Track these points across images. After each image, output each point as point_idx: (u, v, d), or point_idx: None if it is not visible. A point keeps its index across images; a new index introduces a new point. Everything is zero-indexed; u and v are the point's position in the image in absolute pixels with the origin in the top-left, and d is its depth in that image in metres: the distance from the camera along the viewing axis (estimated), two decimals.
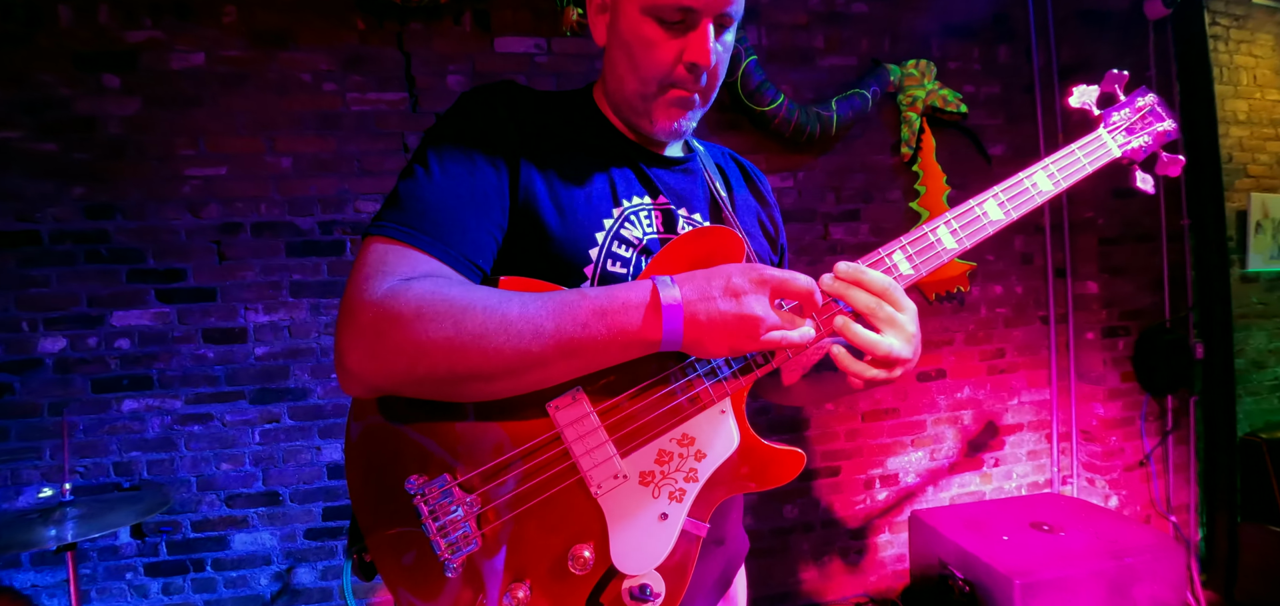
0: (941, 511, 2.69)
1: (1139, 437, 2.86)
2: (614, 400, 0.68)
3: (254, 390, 2.22)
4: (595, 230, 0.73)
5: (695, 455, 0.69)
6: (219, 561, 2.23)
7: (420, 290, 0.59)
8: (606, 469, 0.66)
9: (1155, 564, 2.18)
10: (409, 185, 0.67)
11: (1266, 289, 2.93)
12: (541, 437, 0.66)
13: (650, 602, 0.67)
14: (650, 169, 0.80)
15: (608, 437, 0.67)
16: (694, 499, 0.69)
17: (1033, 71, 2.81)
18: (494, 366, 0.59)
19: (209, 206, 2.15)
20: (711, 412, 0.70)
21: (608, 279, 0.72)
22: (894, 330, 0.66)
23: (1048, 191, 0.76)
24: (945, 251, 0.72)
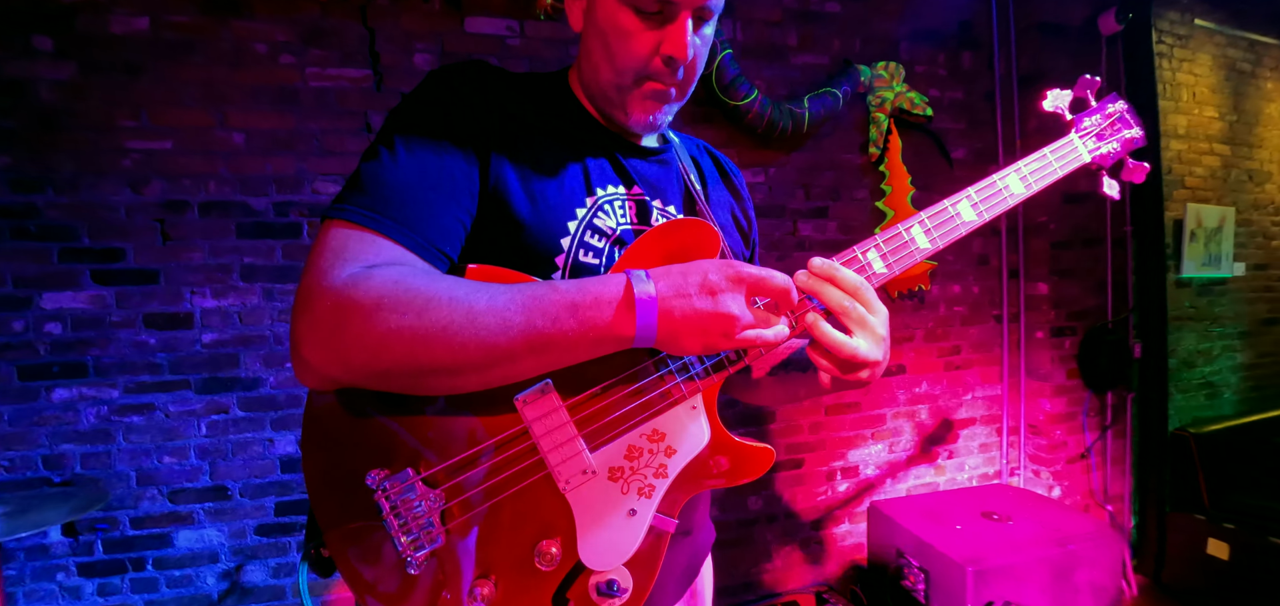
0: (898, 502, 2.79)
1: (1081, 432, 3.02)
2: (584, 394, 0.66)
3: (201, 379, 2.10)
4: (567, 219, 0.71)
5: (665, 451, 0.68)
6: (161, 560, 2.10)
7: (383, 278, 0.57)
8: (575, 464, 0.66)
9: (1095, 550, 2.31)
10: (372, 167, 0.64)
11: (1197, 294, 3.13)
12: (509, 432, 0.65)
13: (617, 598, 0.67)
14: (625, 159, 0.78)
15: (577, 432, 0.66)
16: (663, 494, 0.68)
17: (994, 79, 2.91)
18: (459, 361, 0.57)
19: (151, 183, 2.01)
20: (682, 408, 0.69)
21: (579, 270, 0.70)
22: (864, 331, 0.66)
23: (1020, 194, 0.77)
24: (919, 251, 0.72)
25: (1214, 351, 3.23)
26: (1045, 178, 0.78)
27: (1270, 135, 3.36)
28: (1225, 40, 3.16)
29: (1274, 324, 3.45)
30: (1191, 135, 3.08)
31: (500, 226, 0.68)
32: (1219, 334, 3.23)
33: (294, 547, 2.21)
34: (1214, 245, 3.14)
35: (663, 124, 0.78)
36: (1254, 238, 3.36)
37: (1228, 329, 3.26)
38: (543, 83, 0.79)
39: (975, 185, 0.75)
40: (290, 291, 2.16)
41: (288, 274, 2.15)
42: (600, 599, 0.67)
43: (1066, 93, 0.84)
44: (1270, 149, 3.38)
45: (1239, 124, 3.24)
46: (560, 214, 0.70)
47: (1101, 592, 2.30)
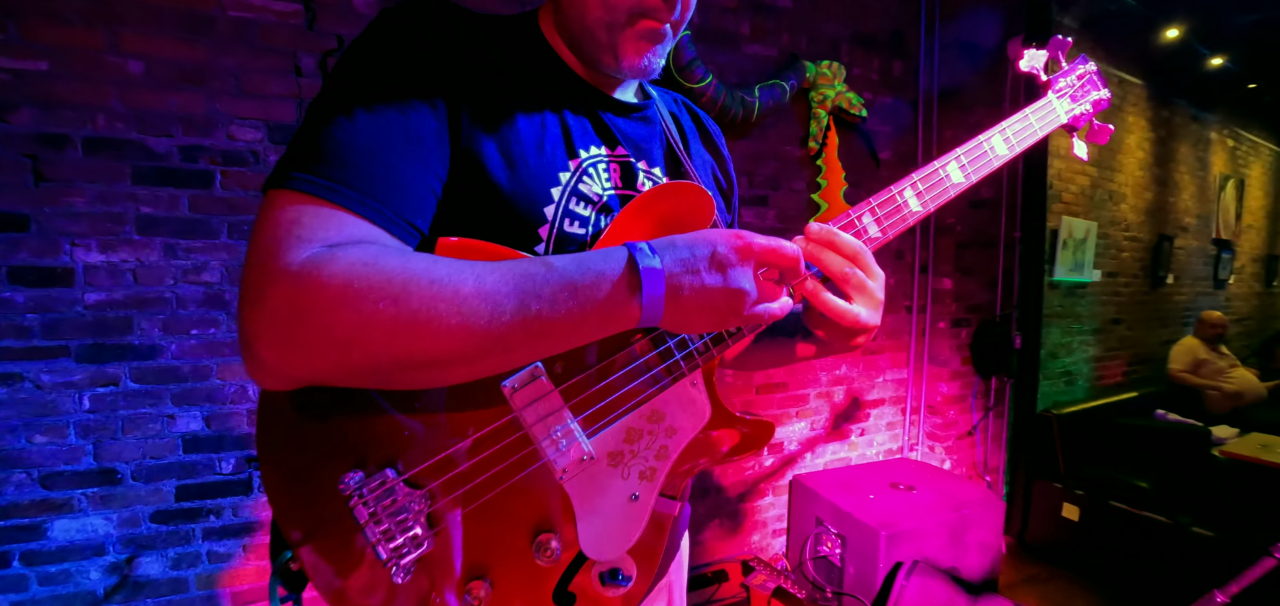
0: (817, 475, 3.01)
1: (969, 412, 3.41)
2: (578, 377, 0.62)
3: (83, 345, 1.81)
4: (550, 185, 0.64)
5: (666, 431, 0.66)
6: (31, 554, 1.81)
7: (350, 258, 0.49)
8: (572, 451, 0.62)
9: (983, 514, 2.64)
10: (325, 125, 0.54)
11: (1064, 294, 3.63)
12: (498, 422, 0.60)
13: (623, 586, 0.65)
14: (607, 115, 0.71)
15: (572, 418, 0.62)
16: (665, 477, 0.66)
17: (919, 90, 3.15)
18: (445, 352, 0.50)
19: (20, 111, 1.68)
20: (682, 386, 0.66)
21: (565, 242, 0.65)
22: (864, 297, 0.64)
23: (1004, 155, 0.76)
24: (911, 214, 0.70)
25: (1073, 345, 3.76)
26: (1027, 138, 0.78)
27: (1127, 162, 3.93)
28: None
29: (1119, 324, 4.07)
30: (1069, 157, 3.53)
31: (475, 193, 0.61)
32: (1078, 330, 3.77)
33: (199, 535, 1.99)
34: (1080, 254, 3.64)
35: (656, 68, 0.69)
36: (1109, 249, 3.94)
37: (1084, 326, 3.81)
38: (511, 26, 0.70)
39: (962, 146, 0.74)
40: (197, 249, 1.90)
41: (195, 228, 1.89)
42: (605, 588, 0.65)
43: (1041, 52, 0.84)
44: (1126, 174, 3.95)
45: (1106, 150, 3.76)
46: (542, 179, 0.64)
47: (987, 549, 2.65)
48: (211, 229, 1.91)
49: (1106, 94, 0.84)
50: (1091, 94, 0.84)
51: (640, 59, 0.66)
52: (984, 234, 3.28)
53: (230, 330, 1.96)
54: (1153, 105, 4.11)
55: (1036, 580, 3.02)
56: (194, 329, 1.92)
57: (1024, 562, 3.19)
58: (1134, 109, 3.90)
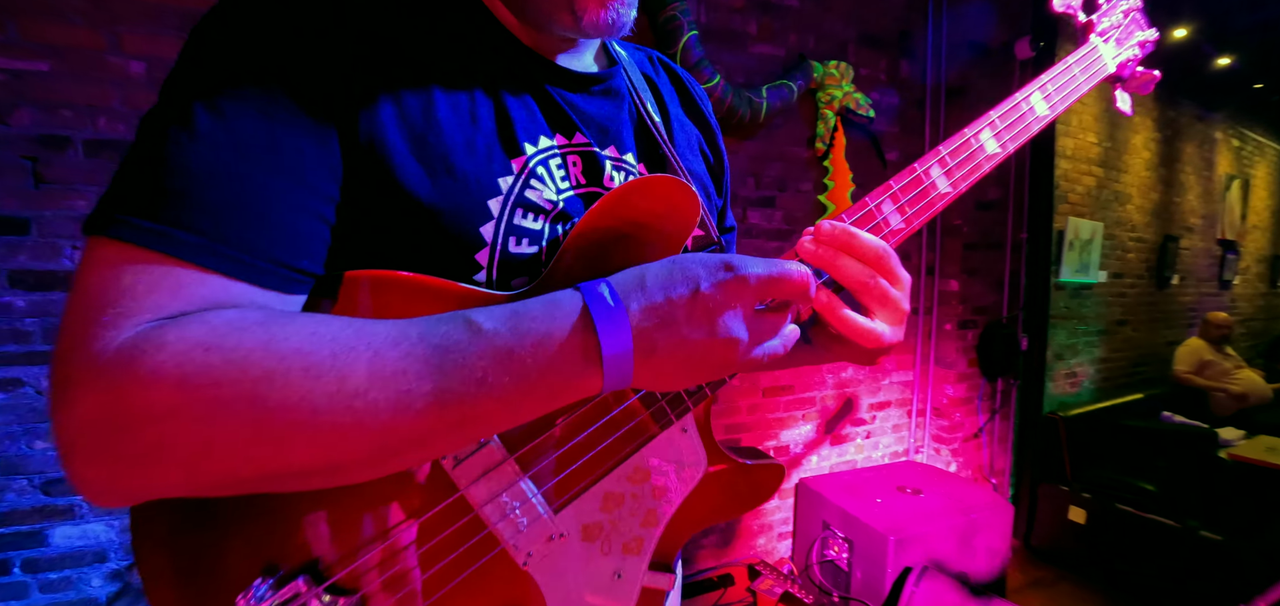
0: (823, 478, 2.99)
1: (975, 414, 3.40)
2: (537, 440, 0.50)
3: None
4: (487, 195, 0.49)
5: (652, 492, 0.55)
6: (32, 562, 1.79)
7: (186, 342, 0.36)
8: (537, 531, 0.51)
9: (991, 518, 2.62)
10: (162, 144, 0.39)
11: (1070, 296, 3.61)
12: (441, 505, 0.48)
13: None
14: (560, 92, 0.56)
15: (533, 490, 0.50)
16: (655, 547, 0.56)
17: (926, 90, 3.12)
18: (332, 460, 0.38)
19: (20, 111, 1.65)
20: (670, 435, 0.55)
21: (510, 267, 0.50)
22: (887, 310, 0.53)
23: (1044, 116, 0.65)
24: (939, 196, 0.60)
25: (1079, 346, 3.75)
26: (1070, 94, 0.66)
27: (1134, 162, 3.91)
28: None
29: (1124, 325, 4.06)
30: (1075, 157, 3.52)
31: (386, 213, 0.46)
32: (1083, 331, 3.75)
33: None
34: (1086, 255, 3.62)
35: (627, 20, 0.54)
36: (1115, 250, 3.92)
37: (1090, 327, 3.80)
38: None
39: (995, 109, 0.63)
40: None
41: None
42: None
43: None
44: (1132, 174, 3.94)
45: (1112, 150, 3.74)
46: (476, 189, 0.49)
47: (995, 553, 2.63)
48: None
49: (1154, 34, 0.73)
50: (1136, 35, 0.72)
51: (603, 14, 0.51)
52: (991, 235, 3.26)
53: None
54: (1159, 105, 4.09)
55: (1043, 583, 3.01)
56: None
57: (1030, 566, 3.17)
58: (1140, 108, 3.89)
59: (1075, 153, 3.51)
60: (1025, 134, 0.63)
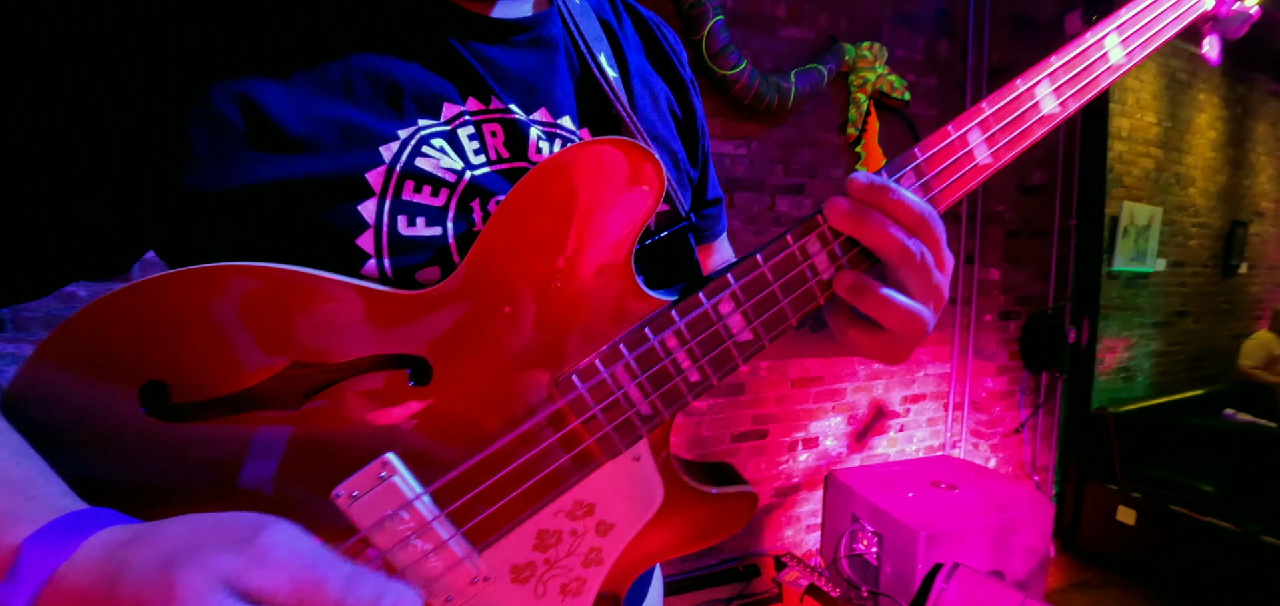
0: (854, 472, 2.94)
1: (1017, 409, 3.27)
2: (456, 472, 0.42)
3: None
4: (364, 165, 0.40)
5: (597, 528, 0.47)
6: None
7: None
8: (455, 576, 0.43)
9: (1030, 516, 2.53)
10: None
11: (1124, 285, 3.42)
12: (339, 545, 0.40)
13: None
14: (471, 45, 0.45)
15: (452, 531, 0.42)
16: (599, 586, 0.49)
17: (966, 69, 2.99)
18: None
19: None
20: (620, 463, 0.46)
21: (402, 248, 0.41)
22: (929, 289, 0.44)
23: (1119, 64, 0.52)
24: (1045, 117, 0.49)
25: (1133, 339, 3.55)
26: (1154, 37, 0.53)
27: (1197, 143, 3.66)
28: (1169, 50, 3.38)
29: (1184, 316, 3.82)
30: (1132, 138, 3.31)
31: (224, 209, 0.38)
32: (1138, 323, 3.55)
33: None
34: (1142, 242, 3.42)
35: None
36: (1175, 237, 3.69)
37: (1146, 319, 3.59)
38: None
39: (1053, 58, 0.50)
40: None
41: None
42: None
43: None
44: (1196, 156, 3.68)
45: (1173, 130, 3.51)
46: (347, 163, 0.39)
47: (1033, 553, 2.54)
48: None
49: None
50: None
51: None
52: (1035, 222, 3.11)
53: None
54: (1227, 81, 3.81)
55: (1087, 586, 2.89)
56: None
57: (1074, 567, 3.05)
58: (1206, 85, 3.62)
59: (1132, 133, 3.30)
60: (1094, 89, 0.50)
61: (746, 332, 0.45)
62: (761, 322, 0.45)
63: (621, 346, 0.44)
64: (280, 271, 0.36)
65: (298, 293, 0.37)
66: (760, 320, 0.45)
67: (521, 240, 0.41)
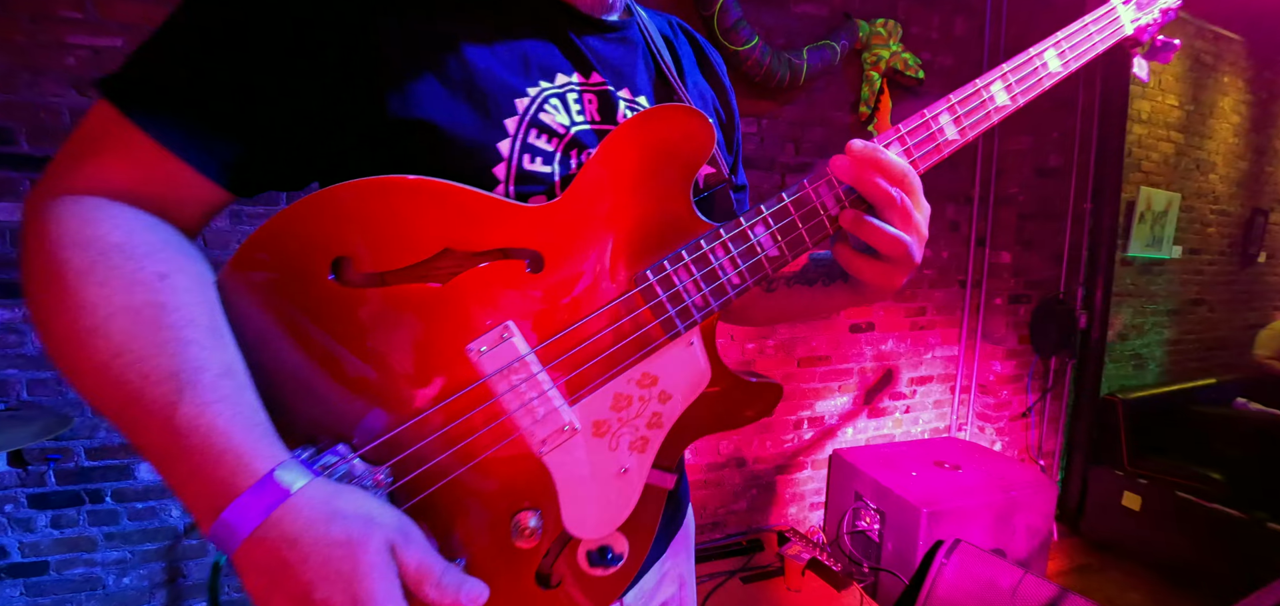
0: (858, 451, 2.96)
1: (1024, 393, 3.26)
2: (557, 336, 0.54)
3: None
4: (504, 113, 0.54)
5: (659, 397, 0.59)
6: (121, 492, 2.01)
7: (58, 241, 0.43)
8: (551, 421, 0.55)
9: (1033, 497, 2.54)
10: (165, 29, 0.47)
11: (1138, 272, 3.38)
12: (465, 390, 0.52)
13: (612, 566, 0.60)
14: (579, 36, 0.61)
15: (551, 383, 0.54)
16: (659, 447, 0.59)
17: (984, 48, 2.94)
18: (71, 377, 0.44)
19: None
20: (678, 346, 0.58)
21: (527, 180, 0.55)
22: (909, 228, 0.57)
23: (1057, 72, 0.67)
24: (947, 142, 0.62)
25: (1145, 326, 3.52)
26: (1083, 52, 0.69)
27: (1220, 127, 3.58)
28: (1193, 29, 3.29)
29: (1199, 305, 3.77)
30: (1152, 121, 3.25)
31: (404, 132, 0.51)
32: (1151, 310, 3.51)
33: None
34: (1158, 228, 3.37)
35: (611, 3, 0.61)
36: (1193, 224, 3.63)
37: (1159, 306, 3.55)
38: None
39: (1009, 62, 0.66)
40: (260, 216, 2.01)
41: (276, 200, 2.00)
42: (593, 568, 0.59)
43: None
44: (1218, 141, 3.61)
45: (1195, 114, 3.43)
46: (494, 109, 0.54)
47: (1035, 533, 2.55)
48: (273, 197, 2.01)
49: (1177, 1, 0.75)
50: (1158, 1, 0.74)
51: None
52: (1050, 205, 3.08)
53: None
54: (1252, 63, 3.70)
55: (1089, 569, 2.90)
56: None
57: (1077, 551, 3.06)
58: (1230, 68, 3.53)
59: (1152, 116, 3.24)
60: (1037, 88, 0.65)
61: (774, 249, 0.59)
62: (786, 243, 0.59)
63: (683, 252, 0.57)
64: (441, 183, 0.50)
65: (452, 199, 0.50)
66: (785, 241, 0.59)
67: (612, 175, 0.55)
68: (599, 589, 0.60)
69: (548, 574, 0.58)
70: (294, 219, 0.47)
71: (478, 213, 0.51)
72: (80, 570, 2.01)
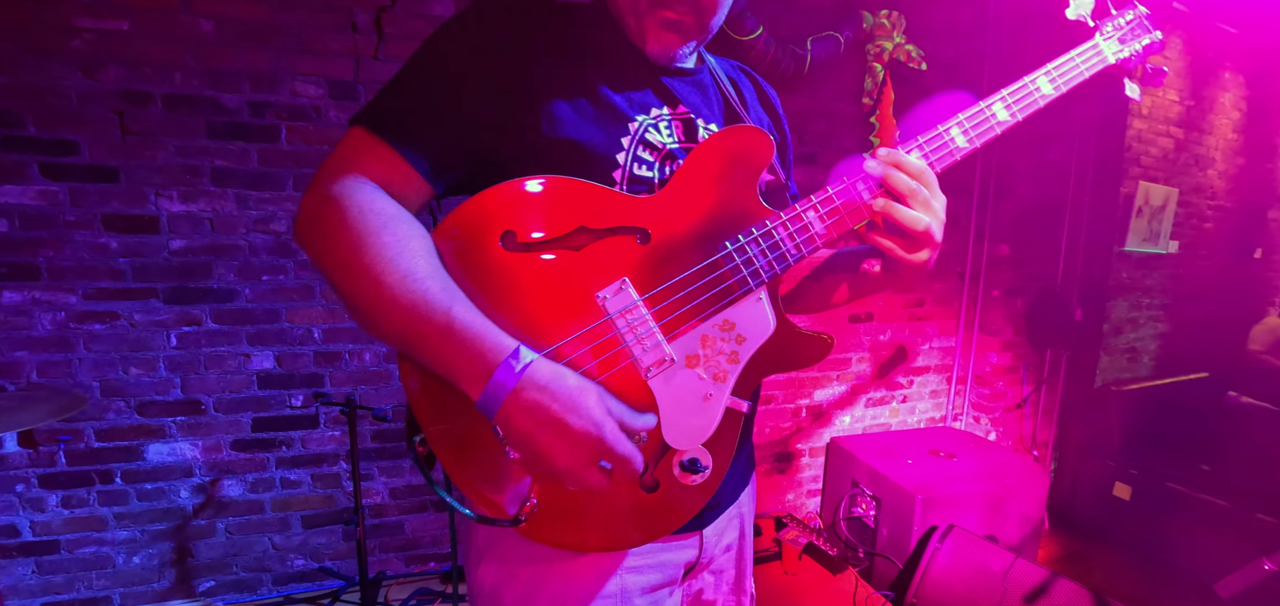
0: (855, 438, 3.01)
1: (1020, 384, 3.30)
2: (660, 288, 0.72)
3: (169, 288, 1.97)
4: (620, 135, 0.74)
5: (735, 339, 0.74)
6: (131, 473, 2.04)
7: (358, 203, 0.64)
8: (655, 352, 0.71)
9: (1025, 485, 2.59)
10: (399, 78, 0.70)
11: (1135, 266, 3.40)
12: (594, 324, 0.69)
13: (700, 474, 0.74)
14: (667, 80, 0.81)
15: (654, 324, 0.71)
16: (736, 379, 0.74)
17: (986, 40, 2.95)
18: (355, 307, 0.65)
19: (107, 68, 1.80)
20: (750, 300, 0.74)
21: (636, 182, 0.75)
22: (929, 212, 0.72)
23: (1048, 94, 0.80)
24: (959, 150, 0.77)
25: (1141, 320, 3.55)
26: (1072, 78, 0.81)
27: (1219, 123, 3.59)
28: (1195, 24, 3.29)
29: (1195, 300, 3.80)
30: (1152, 116, 3.26)
31: (553, 146, 0.71)
32: (1147, 304, 3.55)
33: (272, 463, 2.19)
34: (1156, 223, 3.39)
35: (682, 57, 0.80)
36: (1190, 219, 3.65)
37: (1155, 301, 3.58)
38: (581, 10, 0.80)
39: (1008, 88, 0.79)
40: (266, 200, 2.03)
41: (264, 181, 2.01)
42: (684, 474, 0.74)
43: (1088, 0, 0.87)
44: (1217, 136, 3.62)
45: (1196, 110, 3.44)
46: (612, 132, 0.74)
47: (1027, 521, 2.61)
48: (278, 181, 2.02)
49: (1159, 36, 0.87)
50: (1142, 38, 0.86)
51: (662, 48, 0.77)
52: (1048, 199, 3.10)
53: (298, 277, 2.10)
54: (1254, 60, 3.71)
55: (1078, 557, 2.96)
56: (264, 275, 2.06)
57: (1067, 539, 3.12)
58: (1231, 64, 3.53)
59: (1152, 111, 3.24)
60: (1032, 108, 0.79)
61: (821, 228, 0.75)
62: (830, 223, 0.76)
63: (753, 228, 0.74)
64: (577, 181, 0.70)
65: (585, 192, 0.70)
66: (830, 222, 0.76)
67: (699, 175, 0.74)
68: (689, 495, 0.75)
69: (650, 477, 0.73)
70: (476, 205, 0.67)
71: (603, 201, 0.70)
72: (91, 549, 2.04)
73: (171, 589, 2.15)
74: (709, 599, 0.94)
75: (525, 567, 0.77)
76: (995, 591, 2.03)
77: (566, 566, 0.76)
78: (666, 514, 0.75)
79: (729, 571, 0.96)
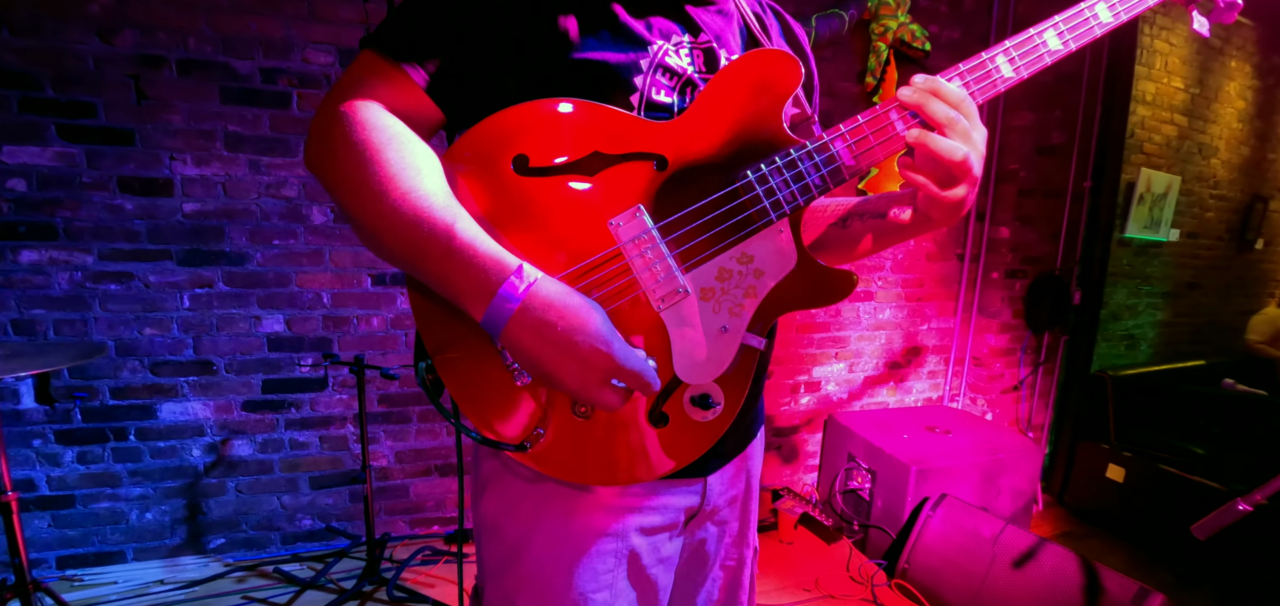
0: (852, 415, 3.05)
1: (1017, 366, 3.34)
2: (675, 216, 0.68)
3: (182, 250, 2.02)
4: (640, 58, 0.71)
5: (754, 273, 0.71)
6: (144, 431, 2.09)
7: (365, 123, 0.63)
8: (668, 283, 0.68)
9: (1018, 460, 2.64)
10: (416, 5, 0.68)
11: (1135, 253, 3.42)
12: (603, 252, 0.67)
13: (711, 411, 0.71)
14: (689, 6, 0.77)
15: (669, 253, 0.68)
16: (752, 314, 0.71)
17: (991, 23, 2.96)
18: (360, 225, 0.64)
19: (123, 33, 1.83)
20: (770, 233, 0.71)
21: (654, 107, 0.72)
22: (969, 143, 0.66)
23: (1107, 23, 0.72)
24: (1002, 80, 0.71)
25: (1139, 307, 3.58)
26: (1134, 4, 0.72)
27: (1224, 112, 3.60)
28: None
29: (1194, 288, 3.83)
30: (1156, 103, 3.27)
31: (577, 68, 0.69)
32: (1146, 292, 3.57)
33: (282, 424, 2.24)
34: (1157, 210, 3.41)
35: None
36: (1192, 207, 3.66)
37: (1154, 288, 3.61)
38: None
39: (1062, 13, 0.71)
40: (279, 165, 2.07)
41: (277, 146, 2.04)
42: (694, 409, 0.71)
43: None
44: (1222, 125, 3.62)
45: (1200, 97, 3.45)
46: (635, 53, 0.71)
47: (1020, 495, 2.65)
48: (290, 147, 2.06)
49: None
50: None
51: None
52: (1050, 182, 3.12)
53: (308, 242, 2.14)
54: (1261, 49, 3.70)
55: (1070, 537, 3.01)
56: (276, 239, 2.11)
57: (1060, 519, 3.17)
58: (1238, 52, 3.53)
59: (1156, 98, 3.25)
60: (1089, 36, 0.72)
61: (850, 159, 0.70)
62: (859, 153, 0.70)
63: (776, 157, 0.70)
64: (593, 104, 0.67)
65: (601, 116, 0.67)
66: (858, 151, 0.70)
67: (721, 100, 0.69)
68: (698, 432, 0.73)
69: (660, 411, 0.71)
70: (487, 127, 0.65)
71: (619, 126, 0.67)
72: (105, 504, 2.10)
73: (183, 545, 2.21)
74: (710, 550, 0.93)
75: (527, 502, 0.77)
76: (985, 555, 2.08)
77: (567, 502, 0.76)
78: (674, 450, 0.73)
79: (733, 524, 0.95)
